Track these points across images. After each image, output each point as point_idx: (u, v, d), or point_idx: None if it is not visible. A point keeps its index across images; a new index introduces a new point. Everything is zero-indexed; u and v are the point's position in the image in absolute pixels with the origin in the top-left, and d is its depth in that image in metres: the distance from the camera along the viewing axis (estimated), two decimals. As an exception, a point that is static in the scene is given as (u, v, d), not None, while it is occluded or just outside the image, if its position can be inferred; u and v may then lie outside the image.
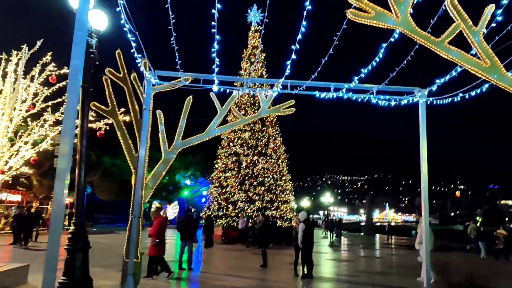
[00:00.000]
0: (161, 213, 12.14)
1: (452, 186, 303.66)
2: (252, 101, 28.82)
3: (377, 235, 42.86)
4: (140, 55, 7.19)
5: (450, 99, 7.42)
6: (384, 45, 5.59)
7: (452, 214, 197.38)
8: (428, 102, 7.75)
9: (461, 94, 6.85)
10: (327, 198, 61.56)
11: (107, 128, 21.29)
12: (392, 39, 5.46)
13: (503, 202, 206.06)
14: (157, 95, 8.02)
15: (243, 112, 28.70)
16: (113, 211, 54.87)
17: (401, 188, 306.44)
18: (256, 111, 29.17)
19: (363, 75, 6.79)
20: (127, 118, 9.31)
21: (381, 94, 7.96)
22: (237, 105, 29.12)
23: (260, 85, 15.79)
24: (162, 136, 8.22)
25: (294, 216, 27.39)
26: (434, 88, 7.15)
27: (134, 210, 7.34)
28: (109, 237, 28.72)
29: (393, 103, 8.07)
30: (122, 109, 9.64)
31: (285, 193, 27.84)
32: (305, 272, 12.49)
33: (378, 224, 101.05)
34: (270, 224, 22.45)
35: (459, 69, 6.80)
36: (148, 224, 25.02)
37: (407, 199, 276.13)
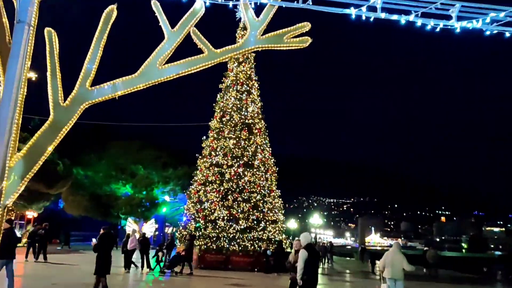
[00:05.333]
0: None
1: (437, 211, 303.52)
2: (239, 105, 25.28)
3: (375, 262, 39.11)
4: None
5: None
6: None
7: (438, 239, 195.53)
8: None
9: None
10: (315, 219, 57.58)
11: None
12: None
13: (488, 228, 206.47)
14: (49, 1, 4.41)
15: (227, 117, 25.19)
16: (86, 228, 50.85)
17: (386, 212, 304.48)
18: (244, 116, 25.91)
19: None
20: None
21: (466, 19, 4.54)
22: (221, 109, 25.58)
23: None
24: (51, 78, 4.45)
25: (284, 239, 23.63)
26: None
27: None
28: (68, 258, 24.51)
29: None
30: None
31: (273, 212, 24.10)
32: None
33: (374, 248, 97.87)
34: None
35: None
36: (121, 244, 21.18)
37: (392, 223, 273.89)
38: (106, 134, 48.07)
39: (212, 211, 23.14)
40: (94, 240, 11.52)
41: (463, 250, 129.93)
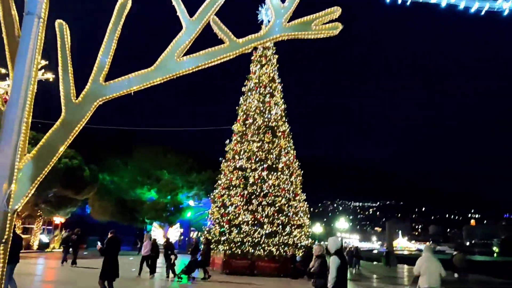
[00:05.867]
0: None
1: (467, 214, 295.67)
2: (262, 107, 24.88)
3: (402, 266, 37.93)
4: None
5: None
6: None
7: (468, 243, 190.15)
8: None
9: None
10: (341, 223, 56.52)
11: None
12: None
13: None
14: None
15: (250, 120, 24.85)
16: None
17: (414, 216, 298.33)
18: (267, 118, 25.46)
19: None
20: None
21: None
22: (244, 112, 25.24)
23: None
24: (63, 74, 4.17)
25: (312, 244, 23.05)
26: None
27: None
28: (94, 263, 24.59)
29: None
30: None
31: (299, 216, 23.59)
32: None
33: (400, 253, 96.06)
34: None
35: None
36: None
37: (420, 227, 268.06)
38: (130, 139, 48.59)
39: (237, 215, 22.82)
40: (99, 244, 11.32)
41: (495, 254, 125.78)
